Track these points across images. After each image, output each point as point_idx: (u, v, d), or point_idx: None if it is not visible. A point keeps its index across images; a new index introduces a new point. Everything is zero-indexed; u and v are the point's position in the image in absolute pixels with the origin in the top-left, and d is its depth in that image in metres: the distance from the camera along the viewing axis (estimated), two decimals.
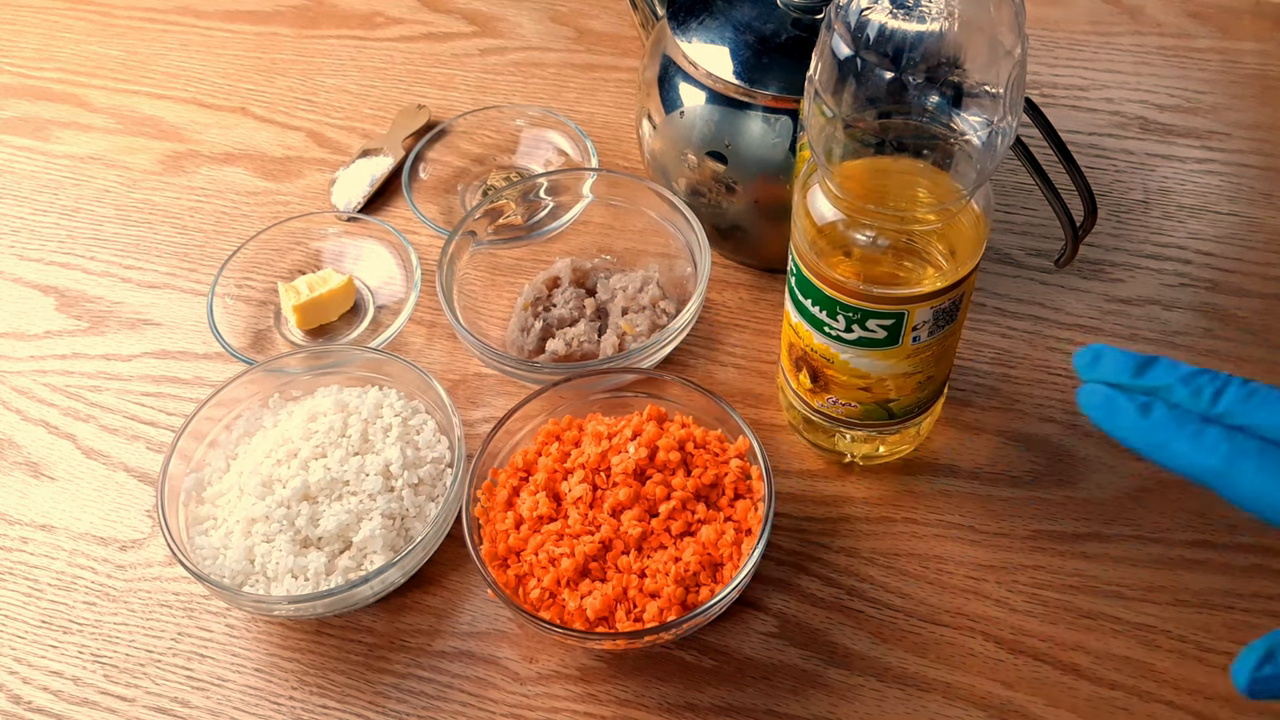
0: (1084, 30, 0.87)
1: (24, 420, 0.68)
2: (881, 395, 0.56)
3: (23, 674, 0.58)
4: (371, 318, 0.71)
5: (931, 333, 0.52)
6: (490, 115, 0.80)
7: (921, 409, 0.58)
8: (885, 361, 0.53)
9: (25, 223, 0.80)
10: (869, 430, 0.59)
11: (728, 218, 0.67)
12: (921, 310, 0.51)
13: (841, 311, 0.52)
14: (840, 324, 0.52)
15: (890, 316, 0.51)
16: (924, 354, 0.54)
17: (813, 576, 0.58)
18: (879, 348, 0.53)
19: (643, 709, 0.54)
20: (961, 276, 0.50)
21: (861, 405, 0.57)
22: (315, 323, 0.70)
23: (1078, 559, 0.58)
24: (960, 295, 0.52)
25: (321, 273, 0.71)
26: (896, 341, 0.52)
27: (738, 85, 0.63)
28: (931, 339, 0.53)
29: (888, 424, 0.58)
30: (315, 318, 0.70)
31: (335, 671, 0.57)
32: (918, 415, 0.58)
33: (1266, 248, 0.71)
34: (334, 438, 0.61)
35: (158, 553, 0.62)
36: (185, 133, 0.86)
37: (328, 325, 0.71)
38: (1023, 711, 0.53)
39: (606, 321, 0.68)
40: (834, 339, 0.53)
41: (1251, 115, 0.79)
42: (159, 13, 0.96)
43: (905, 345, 0.52)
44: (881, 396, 0.56)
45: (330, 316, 0.71)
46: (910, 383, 0.55)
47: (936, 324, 0.52)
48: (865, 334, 0.52)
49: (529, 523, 0.57)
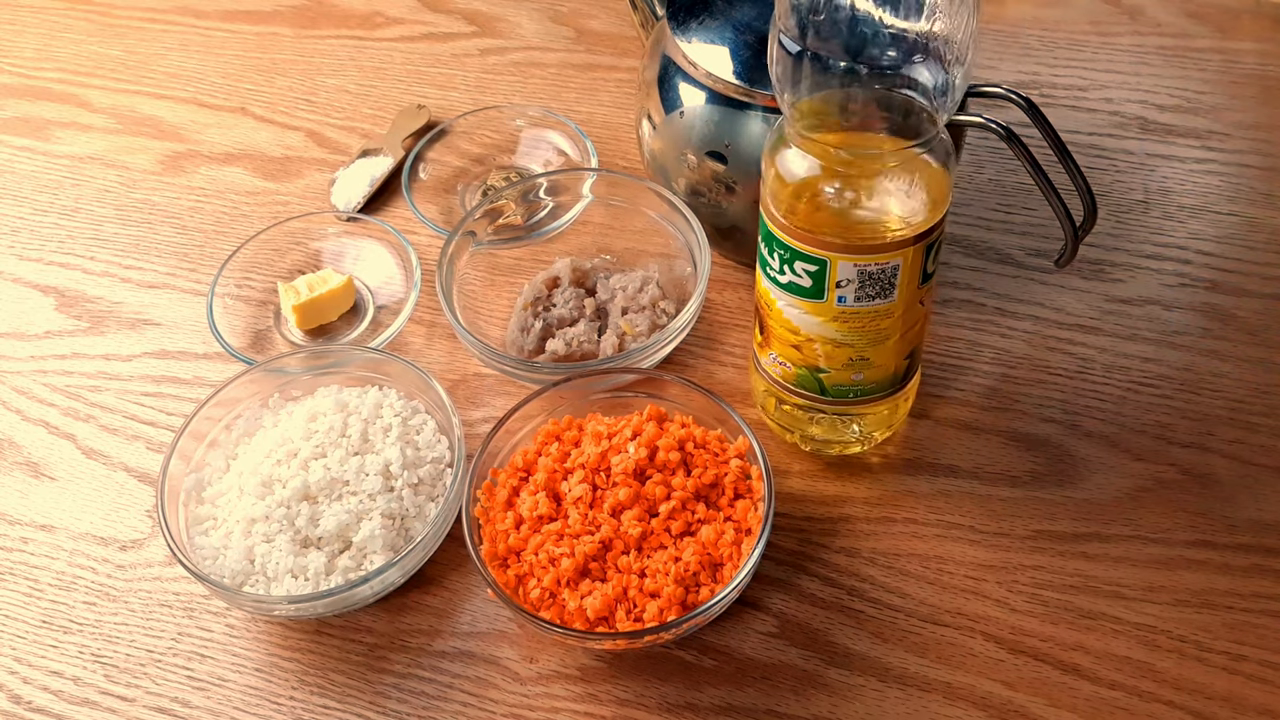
0: (1084, 30, 0.87)
1: (24, 420, 0.68)
2: (811, 359, 0.56)
3: (23, 674, 0.58)
4: (371, 318, 0.71)
5: (859, 299, 0.53)
6: (490, 115, 0.80)
7: (858, 395, 0.58)
8: (812, 317, 0.54)
9: (25, 223, 0.80)
10: (802, 400, 0.59)
11: (728, 218, 0.67)
12: (844, 264, 0.51)
13: (777, 249, 0.53)
14: (775, 263, 0.53)
15: (814, 262, 0.52)
16: (852, 323, 0.54)
17: (813, 576, 0.58)
18: (805, 297, 0.54)
19: (643, 709, 0.54)
20: (888, 241, 0.51)
21: (794, 368, 0.57)
22: (315, 323, 0.70)
23: (1078, 559, 0.58)
24: (892, 266, 0.52)
25: (321, 273, 0.71)
26: (821, 295, 0.53)
27: (738, 85, 0.63)
28: (860, 307, 0.53)
29: (820, 399, 0.58)
30: (315, 318, 0.70)
31: (335, 671, 0.57)
32: (854, 402, 0.58)
33: (1266, 248, 0.71)
34: (334, 438, 0.61)
35: (158, 553, 0.62)
36: (185, 133, 0.86)
37: (327, 325, 0.71)
38: (1023, 711, 0.53)
39: (606, 321, 0.68)
40: (772, 281, 0.55)
41: (1251, 115, 0.79)
42: (159, 13, 0.96)
43: (830, 303, 0.53)
44: (811, 360, 0.56)
45: (330, 316, 0.71)
46: (840, 355, 0.55)
47: (864, 289, 0.52)
48: (794, 278, 0.53)
49: (529, 523, 0.57)
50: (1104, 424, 0.63)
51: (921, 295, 0.55)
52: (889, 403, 0.59)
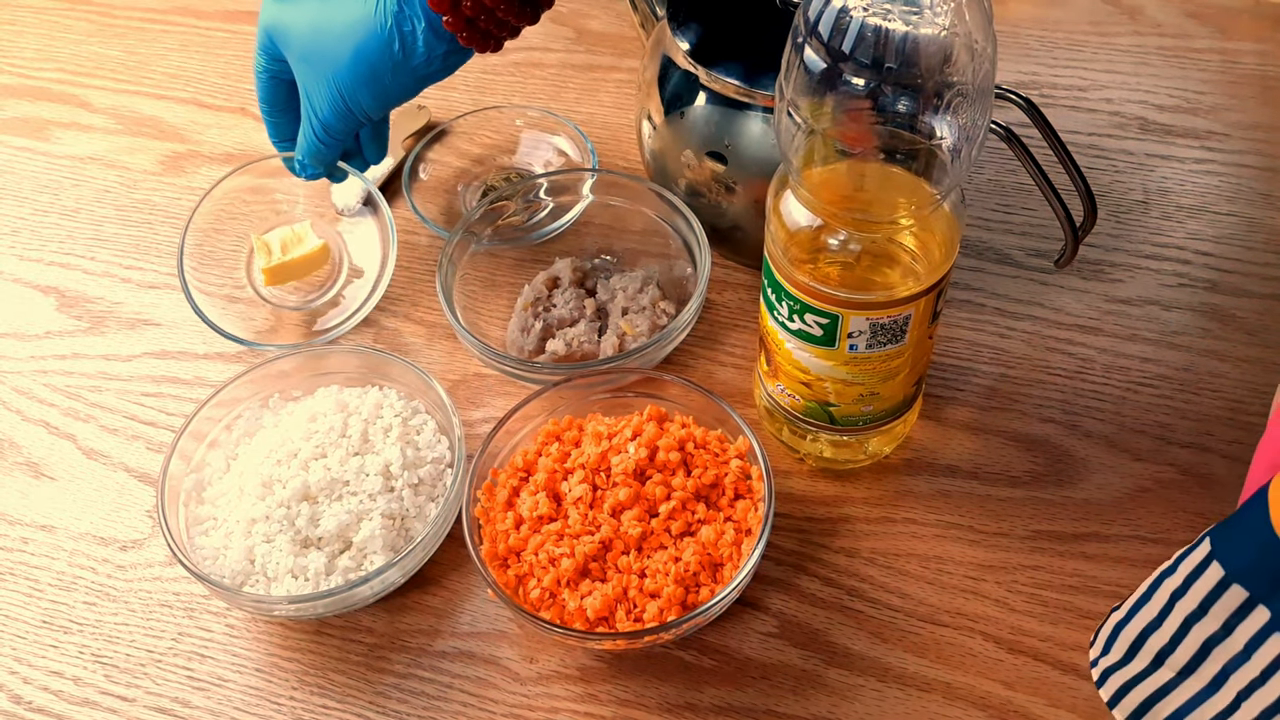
0: (1084, 30, 0.87)
1: (24, 420, 0.68)
2: (821, 395, 0.56)
3: (23, 674, 0.58)
4: (344, 282, 0.71)
5: (871, 346, 0.52)
6: (490, 115, 0.80)
7: (867, 423, 0.58)
8: (823, 361, 0.54)
9: (25, 223, 0.80)
10: (811, 429, 0.59)
11: (728, 218, 0.68)
12: (856, 318, 0.51)
13: (786, 299, 0.52)
14: (784, 310, 0.53)
15: (825, 315, 0.51)
16: (864, 366, 0.54)
17: (813, 576, 0.58)
18: (816, 344, 0.53)
19: (643, 709, 0.54)
20: (898, 298, 0.50)
21: (804, 400, 0.57)
22: (285, 281, 0.70)
23: (1078, 559, 0.58)
24: (903, 318, 0.51)
25: (297, 227, 0.71)
26: (833, 344, 0.53)
27: (738, 85, 0.63)
28: (872, 353, 0.53)
29: (830, 428, 0.58)
30: (286, 277, 0.70)
31: (335, 671, 0.57)
32: (863, 429, 0.58)
33: (1265, 248, 0.71)
34: (334, 438, 0.61)
35: (158, 553, 0.62)
36: (185, 133, 0.86)
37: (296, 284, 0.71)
38: (1023, 711, 0.53)
39: (606, 322, 0.69)
40: (780, 325, 0.54)
41: (1251, 115, 0.79)
42: (159, 13, 0.96)
43: (841, 350, 0.53)
44: (821, 397, 0.56)
45: (301, 276, 0.71)
46: (850, 392, 0.55)
47: (875, 338, 0.52)
48: (804, 327, 0.53)
49: (529, 523, 0.57)
50: (1104, 424, 0.63)
51: (931, 331, 0.55)
52: (898, 422, 0.60)
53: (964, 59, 0.43)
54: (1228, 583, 0.40)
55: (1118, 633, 0.45)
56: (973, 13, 0.43)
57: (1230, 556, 0.40)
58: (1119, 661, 0.45)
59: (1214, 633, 0.41)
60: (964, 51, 0.43)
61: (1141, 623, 0.44)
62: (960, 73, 0.44)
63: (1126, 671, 0.45)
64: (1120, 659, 0.45)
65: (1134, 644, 0.44)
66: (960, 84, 0.44)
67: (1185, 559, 0.42)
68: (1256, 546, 0.38)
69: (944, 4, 0.42)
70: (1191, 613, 0.41)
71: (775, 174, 0.53)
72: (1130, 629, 0.44)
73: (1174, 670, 0.43)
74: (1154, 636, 0.43)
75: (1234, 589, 0.40)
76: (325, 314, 0.71)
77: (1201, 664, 0.42)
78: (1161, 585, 0.43)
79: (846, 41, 0.43)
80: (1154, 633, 0.43)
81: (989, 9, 0.44)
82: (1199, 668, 0.42)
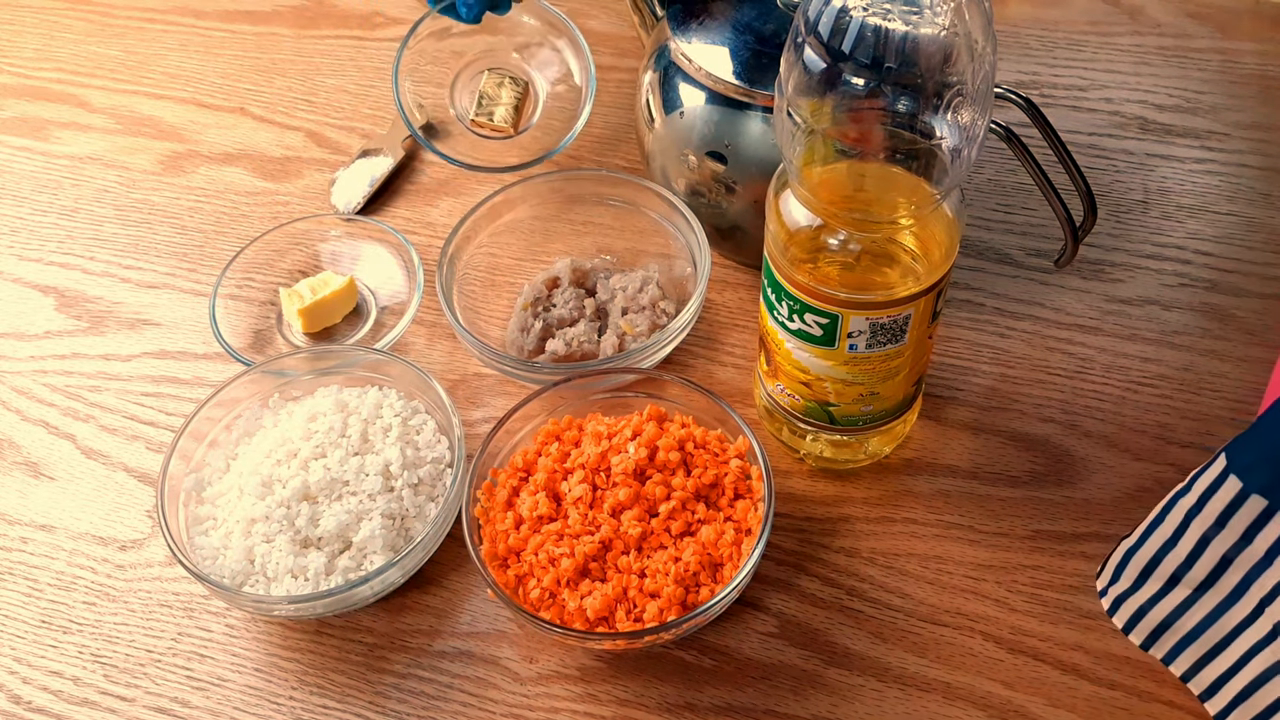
0: (1083, 30, 0.87)
1: (24, 420, 0.68)
2: (821, 395, 0.56)
3: (23, 674, 0.58)
4: (374, 319, 0.71)
5: (870, 346, 0.52)
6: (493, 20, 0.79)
7: (867, 423, 0.58)
8: (823, 361, 0.54)
9: (25, 223, 0.80)
10: (810, 429, 0.59)
11: (728, 218, 0.68)
12: (856, 318, 0.51)
13: (786, 299, 0.52)
14: (784, 310, 0.53)
15: (825, 315, 0.51)
16: (864, 366, 0.54)
17: (813, 576, 0.58)
18: (816, 344, 0.53)
19: (643, 709, 0.54)
20: (898, 297, 0.50)
21: (804, 400, 0.57)
22: (320, 325, 0.70)
23: (1077, 559, 0.58)
24: (902, 318, 0.51)
25: (321, 275, 0.71)
26: (832, 344, 0.53)
27: (738, 85, 0.63)
28: (872, 353, 0.53)
29: (829, 428, 0.58)
30: (320, 320, 0.70)
31: (335, 671, 0.57)
32: (863, 429, 0.58)
33: (1266, 248, 0.71)
34: (334, 438, 0.61)
35: (158, 553, 0.62)
36: (185, 133, 0.86)
37: (332, 328, 0.71)
38: (1023, 711, 0.53)
39: (606, 321, 0.68)
40: (780, 325, 0.54)
41: (1251, 115, 0.79)
42: (158, 13, 0.96)
43: (841, 350, 0.53)
44: (821, 397, 0.56)
45: (334, 318, 0.71)
46: (850, 392, 0.55)
47: (875, 338, 0.52)
48: (804, 327, 0.53)
49: (529, 523, 0.57)
50: (1104, 424, 0.63)
51: (931, 331, 0.55)
52: (898, 421, 0.60)
53: (964, 59, 0.43)
54: (1246, 494, 0.40)
55: (1128, 560, 0.45)
56: (973, 13, 0.43)
57: (1248, 469, 0.40)
58: (1130, 588, 0.46)
59: (1233, 544, 0.42)
60: (964, 51, 0.43)
61: (1154, 545, 0.44)
62: (960, 73, 0.44)
63: (1139, 596, 0.45)
64: (1131, 585, 0.45)
65: (1146, 568, 0.45)
66: (960, 84, 0.44)
67: (1200, 477, 0.42)
68: (1275, 457, 0.39)
69: (944, 4, 0.42)
70: (1209, 528, 0.42)
71: (775, 174, 0.53)
72: (1142, 554, 0.45)
73: (1191, 587, 0.43)
74: (1169, 557, 0.44)
75: (1253, 500, 0.40)
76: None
77: (1221, 576, 0.42)
78: (1175, 505, 0.43)
79: (846, 41, 0.43)
80: (1169, 553, 0.44)
81: (989, 9, 0.44)
82: (1218, 580, 0.43)
